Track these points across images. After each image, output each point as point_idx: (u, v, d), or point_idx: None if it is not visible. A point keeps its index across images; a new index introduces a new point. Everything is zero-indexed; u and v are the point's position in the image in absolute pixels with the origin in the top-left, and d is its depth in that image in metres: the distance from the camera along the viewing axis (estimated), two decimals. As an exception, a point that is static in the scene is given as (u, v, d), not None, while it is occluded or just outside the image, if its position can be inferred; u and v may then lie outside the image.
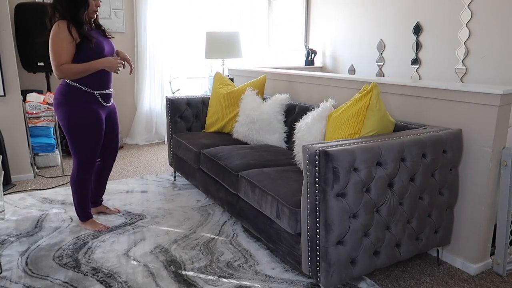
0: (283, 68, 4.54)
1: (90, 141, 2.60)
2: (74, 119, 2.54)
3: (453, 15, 3.74)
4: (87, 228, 2.78)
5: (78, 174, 2.66)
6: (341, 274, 1.88)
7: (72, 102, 2.54)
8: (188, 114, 3.74)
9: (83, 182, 2.68)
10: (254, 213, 2.45)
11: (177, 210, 3.12)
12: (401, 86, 2.53)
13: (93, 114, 2.57)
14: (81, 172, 2.65)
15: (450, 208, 2.25)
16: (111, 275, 2.24)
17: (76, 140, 2.58)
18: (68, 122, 2.54)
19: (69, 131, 2.56)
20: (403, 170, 1.96)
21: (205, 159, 3.00)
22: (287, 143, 3.16)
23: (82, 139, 2.58)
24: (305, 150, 1.83)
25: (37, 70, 4.42)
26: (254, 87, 3.42)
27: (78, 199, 2.73)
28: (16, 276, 2.22)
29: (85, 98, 2.54)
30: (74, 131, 2.56)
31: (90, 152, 2.63)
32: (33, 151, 4.10)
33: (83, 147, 2.60)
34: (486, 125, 2.11)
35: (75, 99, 2.53)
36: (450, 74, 3.83)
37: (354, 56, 4.89)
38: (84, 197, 2.74)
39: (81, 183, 2.68)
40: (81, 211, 2.77)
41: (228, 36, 4.40)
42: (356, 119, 2.13)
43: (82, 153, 2.61)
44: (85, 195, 2.74)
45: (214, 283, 2.17)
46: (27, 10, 4.22)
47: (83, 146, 2.60)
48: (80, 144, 2.59)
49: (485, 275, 2.28)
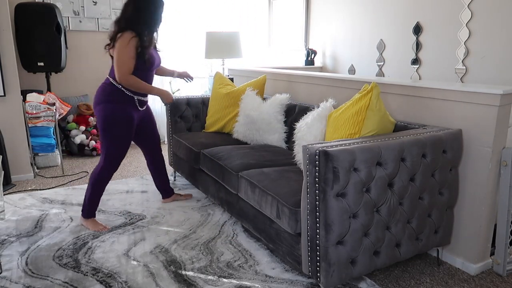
0: (283, 68, 4.53)
1: (121, 139, 2.73)
2: (111, 117, 2.67)
3: (453, 15, 3.74)
4: (87, 226, 2.79)
5: (102, 169, 2.75)
6: (341, 274, 1.88)
7: (112, 101, 2.68)
8: (188, 114, 3.74)
9: (103, 179, 2.78)
10: (254, 213, 2.45)
11: (177, 210, 3.12)
12: (401, 86, 2.53)
13: (128, 115, 2.72)
14: (106, 168, 2.74)
15: (450, 208, 2.25)
16: (111, 275, 2.24)
17: (110, 137, 2.70)
18: (105, 119, 2.67)
19: (104, 127, 2.69)
20: (403, 170, 1.96)
21: (205, 159, 3.00)
22: (287, 143, 3.16)
23: (115, 136, 2.71)
24: (305, 150, 1.83)
25: (37, 70, 4.42)
26: (254, 87, 3.42)
27: (92, 194, 2.79)
28: (16, 276, 2.23)
29: (124, 99, 2.70)
30: (109, 128, 2.68)
31: (119, 149, 2.75)
32: (33, 151, 4.10)
33: (114, 144, 2.72)
34: (486, 125, 2.11)
35: (116, 99, 2.68)
36: (450, 74, 3.83)
37: (354, 56, 4.89)
38: (98, 194, 2.81)
39: (101, 180, 2.77)
40: (88, 207, 2.81)
41: (228, 36, 4.40)
42: (356, 119, 2.13)
43: (112, 149, 2.72)
44: (99, 193, 2.81)
45: (214, 283, 2.17)
46: (27, 10, 4.22)
47: (115, 143, 2.72)
48: (112, 141, 2.71)
49: (485, 275, 2.28)
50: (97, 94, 2.73)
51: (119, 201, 3.29)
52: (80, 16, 4.91)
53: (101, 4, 5.00)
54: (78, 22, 4.92)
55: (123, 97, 2.69)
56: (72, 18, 4.88)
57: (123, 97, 2.69)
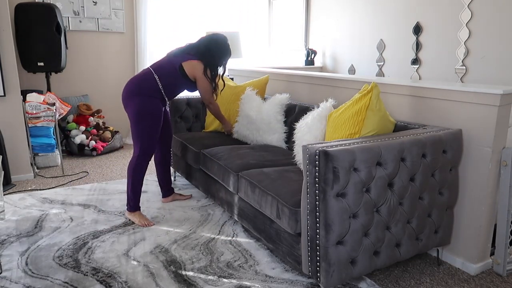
0: (283, 68, 4.53)
1: (153, 131, 2.84)
2: (145, 110, 2.79)
3: (453, 15, 3.74)
4: (134, 220, 2.87)
5: (137, 160, 2.84)
6: (341, 274, 1.88)
7: (147, 95, 2.81)
8: (188, 114, 3.74)
9: (141, 170, 2.87)
10: (254, 213, 2.45)
11: (177, 210, 3.12)
12: (401, 86, 2.53)
13: (159, 109, 2.87)
14: (140, 159, 2.83)
15: (450, 208, 2.25)
16: (111, 275, 2.24)
17: (142, 129, 2.80)
18: (139, 111, 2.79)
19: (137, 120, 2.80)
20: (403, 170, 1.96)
21: (205, 159, 3.00)
22: (287, 143, 3.16)
23: (147, 128, 2.81)
24: (305, 150, 1.83)
25: (37, 70, 4.42)
26: (256, 87, 3.42)
27: (133, 186, 2.87)
28: (16, 276, 2.22)
29: (157, 95, 2.84)
30: (142, 120, 2.79)
31: (151, 140, 2.85)
32: (33, 151, 4.10)
33: (147, 135, 2.81)
34: (486, 125, 2.11)
35: (151, 94, 2.82)
36: (450, 74, 3.83)
37: (354, 56, 4.89)
38: (138, 184, 2.88)
39: (139, 170, 2.86)
40: (133, 199, 2.89)
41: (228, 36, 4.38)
42: (356, 119, 2.13)
43: (145, 141, 2.82)
44: (139, 183, 2.89)
45: (214, 283, 2.17)
46: (27, 10, 4.22)
47: (147, 135, 2.82)
48: (145, 133, 2.81)
49: (485, 275, 2.28)
50: (131, 85, 2.85)
51: (119, 201, 3.28)
52: (80, 16, 4.91)
53: (101, 4, 5.00)
54: (78, 22, 4.92)
55: (158, 94, 2.83)
56: (72, 18, 4.88)
57: (158, 93, 2.83)
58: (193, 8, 5.46)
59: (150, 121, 2.81)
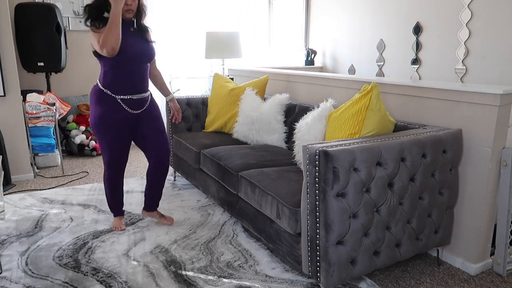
0: (283, 68, 4.53)
1: (109, 143, 2.60)
2: (96, 120, 2.57)
3: (453, 15, 3.74)
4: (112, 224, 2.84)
5: (104, 173, 2.74)
6: (341, 274, 1.88)
7: (96, 103, 2.56)
8: (188, 114, 3.74)
9: (108, 182, 2.73)
10: (254, 213, 2.45)
11: (177, 210, 3.12)
12: (401, 86, 2.53)
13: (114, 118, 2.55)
14: (106, 171, 2.71)
15: (450, 208, 2.25)
16: (111, 275, 2.24)
17: (99, 141, 2.65)
18: (92, 122, 2.61)
19: (93, 131, 2.64)
20: (403, 170, 1.96)
21: (205, 159, 3.00)
22: (287, 143, 3.16)
23: (102, 140, 2.61)
24: (305, 150, 1.83)
25: (37, 70, 4.42)
26: (256, 87, 3.42)
27: (107, 197, 2.81)
28: (16, 276, 2.22)
29: (107, 101, 2.53)
30: (96, 132, 2.61)
31: (111, 153, 2.64)
32: (33, 151, 4.10)
33: (104, 148, 2.63)
34: (486, 125, 2.11)
35: (99, 101, 2.55)
36: (450, 74, 3.83)
37: (354, 56, 4.89)
38: (110, 196, 2.79)
39: (107, 182, 2.74)
40: (109, 208, 2.85)
41: (228, 36, 4.40)
42: (356, 119, 2.13)
43: (104, 153, 2.66)
44: (111, 195, 2.78)
45: (214, 283, 2.17)
46: (27, 10, 4.22)
47: (104, 147, 2.62)
48: (101, 145, 2.64)
49: (485, 275, 2.28)
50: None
51: (119, 201, 3.28)
52: (80, 16, 4.91)
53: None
54: (78, 22, 4.92)
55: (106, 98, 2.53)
56: (72, 18, 4.88)
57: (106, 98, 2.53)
58: (193, 8, 5.46)
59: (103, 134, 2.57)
